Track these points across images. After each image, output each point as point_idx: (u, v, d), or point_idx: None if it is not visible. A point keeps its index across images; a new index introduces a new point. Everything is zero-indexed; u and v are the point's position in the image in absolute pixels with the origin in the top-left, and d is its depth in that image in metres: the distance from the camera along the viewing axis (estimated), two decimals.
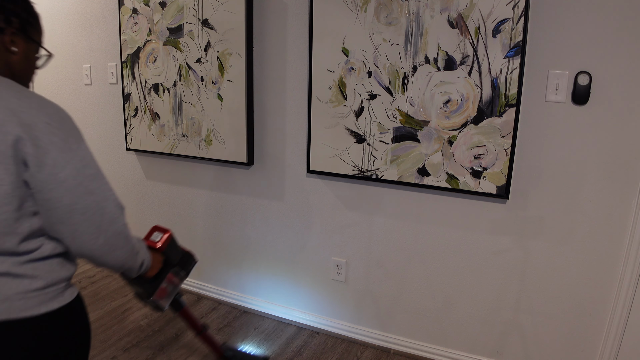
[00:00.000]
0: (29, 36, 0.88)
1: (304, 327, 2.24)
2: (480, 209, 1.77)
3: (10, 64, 0.86)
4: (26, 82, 0.93)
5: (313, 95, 1.95)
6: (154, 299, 1.20)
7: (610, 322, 1.64)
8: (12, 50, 0.85)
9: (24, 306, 0.80)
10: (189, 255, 1.32)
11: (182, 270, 1.29)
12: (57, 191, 0.78)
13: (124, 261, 0.91)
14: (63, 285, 0.88)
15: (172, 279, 1.25)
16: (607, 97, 1.50)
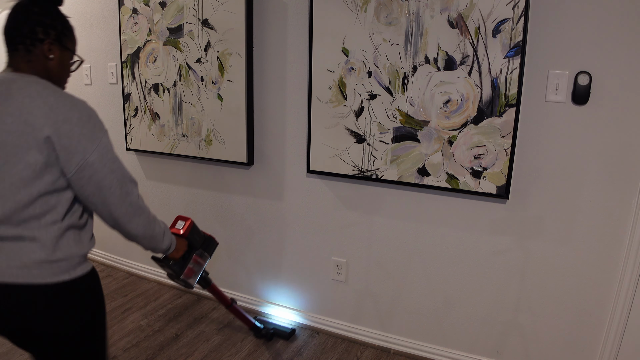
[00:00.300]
0: (64, 45, 1.06)
1: (304, 327, 2.24)
2: (480, 209, 1.77)
3: (48, 68, 1.05)
4: (61, 83, 1.11)
5: (313, 95, 1.95)
6: (183, 278, 1.44)
7: (610, 322, 1.64)
8: (50, 57, 1.04)
9: (39, 274, 0.96)
10: (210, 239, 1.56)
11: (205, 252, 1.52)
12: (87, 171, 0.97)
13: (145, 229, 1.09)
14: (76, 261, 1.02)
15: (197, 260, 1.48)
16: (607, 97, 1.50)
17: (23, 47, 1.01)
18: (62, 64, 1.07)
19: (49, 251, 0.97)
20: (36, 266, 0.96)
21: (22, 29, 1.00)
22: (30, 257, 0.95)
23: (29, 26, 1.00)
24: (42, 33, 1.01)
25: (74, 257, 1.01)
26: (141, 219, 1.08)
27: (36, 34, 1.00)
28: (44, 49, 1.02)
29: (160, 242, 1.18)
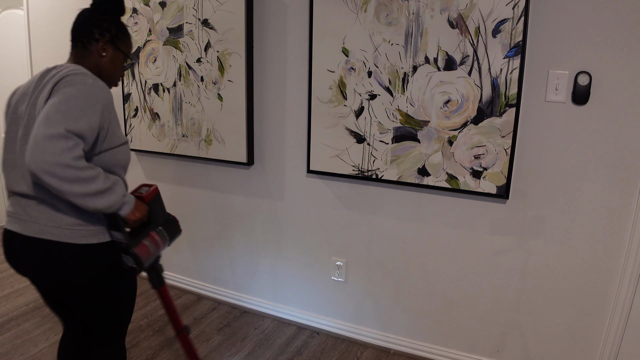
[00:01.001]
0: (117, 46, 1.24)
1: (304, 327, 2.24)
2: (480, 209, 1.77)
3: (100, 64, 1.23)
4: (111, 79, 1.27)
5: (313, 95, 1.95)
6: (136, 252, 1.19)
7: (610, 322, 1.64)
8: (102, 55, 1.22)
9: (66, 235, 1.12)
10: (174, 221, 1.34)
11: (166, 234, 1.31)
12: None
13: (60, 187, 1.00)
14: (102, 228, 1.16)
15: (155, 239, 1.26)
16: (607, 97, 1.50)
17: (81, 44, 1.21)
18: (113, 62, 1.25)
19: (74, 217, 1.12)
20: (65, 228, 1.11)
21: (83, 29, 1.20)
22: (64, 220, 1.12)
23: (89, 27, 1.20)
24: (99, 34, 1.21)
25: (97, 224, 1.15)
26: (53, 180, 0.99)
27: (93, 34, 1.20)
28: (99, 47, 1.21)
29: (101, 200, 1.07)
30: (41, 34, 2.87)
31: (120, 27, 1.25)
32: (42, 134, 0.96)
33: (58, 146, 0.96)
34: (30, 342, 2.04)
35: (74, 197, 1.02)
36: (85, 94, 1.05)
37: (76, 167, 0.99)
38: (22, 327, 2.17)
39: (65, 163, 0.97)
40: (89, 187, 1.03)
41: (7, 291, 2.55)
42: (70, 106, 1.01)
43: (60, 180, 0.98)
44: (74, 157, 0.99)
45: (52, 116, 0.98)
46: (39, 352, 1.97)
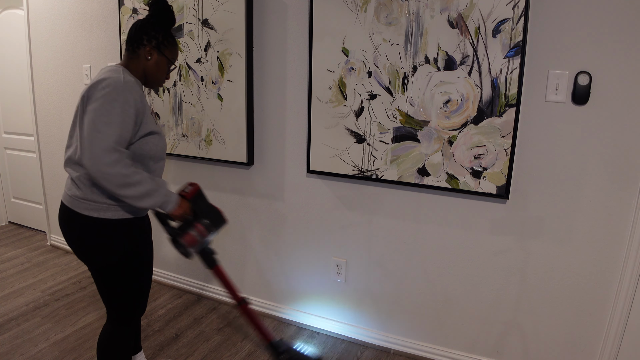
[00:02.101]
0: (162, 52, 1.41)
1: (304, 327, 2.24)
2: (480, 209, 1.77)
3: (145, 67, 1.40)
4: (155, 82, 1.45)
5: (313, 95, 1.95)
6: (183, 242, 1.41)
7: (610, 322, 1.64)
8: (147, 58, 1.39)
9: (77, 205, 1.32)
10: (218, 213, 1.52)
11: (212, 225, 1.48)
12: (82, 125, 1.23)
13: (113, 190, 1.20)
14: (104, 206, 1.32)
15: (201, 229, 1.44)
16: (607, 97, 1.50)
17: (131, 48, 1.39)
18: (157, 66, 1.41)
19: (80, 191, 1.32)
20: (74, 198, 1.32)
21: (134, 35, 1.38)
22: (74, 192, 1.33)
23: (139, 34, 1.37)
24: (146, 40, 1.38)
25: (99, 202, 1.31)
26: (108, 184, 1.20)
27: (142, 40, 1.37)
28: (145, 51, 1.38)
29: (146, 200, 1.26)
30: (41, 34, 2.87)
31: (166, 36, 1.41)
32: (96, 147, 1.17)
33: (110, 158, 1.17)
34: (30, 342, 2.04)
35: (124, 197, 1.23)
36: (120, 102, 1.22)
37: (125, 175, 1.20)
38: (22, 327, 2.17)
39: (117, 172, 1.18)
40: (137, 190, 1.23)
41: (7, 291, 2.55)
42: (112, 116, 1.20)
43: (113, 185, 1.19)
44: (123, 166, 1.20)
45: (100, 128, 1.18)
46: (39, 352, 1.97)
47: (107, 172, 1.18)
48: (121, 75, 1.27)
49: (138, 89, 1.32)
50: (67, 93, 2.84)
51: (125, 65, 1.40)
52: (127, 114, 1.23)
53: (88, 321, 2.24)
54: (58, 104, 2.92)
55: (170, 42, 1.43)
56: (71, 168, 1.35)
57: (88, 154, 1.17)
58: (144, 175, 1.26)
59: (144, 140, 1.34)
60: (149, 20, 1.39)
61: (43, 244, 3.30)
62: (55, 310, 2.34)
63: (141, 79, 1.43)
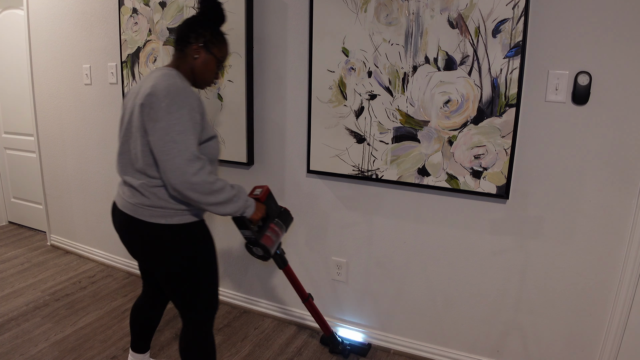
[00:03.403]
0: (209, 50, 1.36)
1: (304, 327, 2.24)
2: (480, 209, 1.77)
3: (193, 66, 1.36)
4: (202, 81, 1.40)
5: (313, 95, 1.95)
6: (263, 242, 1.44)
7: (610, 322, 1.64)
8: (195, 57, 1.35)
9: (142, 213, 1.30)
10: (286, 212, 1.56)
11: (282, 224, 1.52)
12: (153, 137, 1.19)
13: (199, 199, 1.20)
14: (171, 212, 1.30)
15: (275, 229, 1.48)
16: (607, 97, 1.50)
17: (179, 48, 1.35)
18: (205, 65, 1.36)
19: (145, 198, 1.29)
20: (138, 206, 1.30)
21: (182, 34, 1.34)
22: (138, 199, 1.30)
23: (187, 32, 1.33)
24: (194, 38, 1.33)
25: (166, 208, 1.29)
26: (195, 194, 1.19)
27: (189, 38, 1.33)
28: (193, 49, 1.34)
29: (229, 206, 1.28)
30: (41, 34, 2.87)
31: (216, 34, 1.37)
32: (177, 159, 1.15)
33: (193, 167, 1.17)
34: (30, 342, 2.04)
35: (208, 205, 1.23)
36: (188, 110, 1.20)
37: (209, 182, 1.20)
38: (22, 327, 2.17)
39: (202, 180, 1.18)
40: (220, 197, 1.23)
41: (7, 291, 2.55)
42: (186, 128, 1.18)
43: (200, 194, 1.19)
44: (206, 173, 1.19)
45: (178, 139, 1.16)
46: (39, 352, 1.97)
47: (193, 182, 1.17)
48: (177, 80, 1.24)
49: (195, 92, 1.28)
50: (67, 93, 2.84)
51: (175, 66, 1.36)
52: (195, 120, 1.21)
53: (88, 321, 2.24)
54: (58, 104, 2.92)
55: (219, 40, 1.38)
56: (131, 176, 1.32)
57: (170, 167, 1.16)
58: (225, 182, 1.26)
59: (206, 145, 1.32)
60: (197, 18, 1.35)
61: (43, 244, 3.30)
62: (55, 310, 2.34)
63: (190, 80, 1.38)
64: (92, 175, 2.88)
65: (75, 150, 2.92)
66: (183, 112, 1.18)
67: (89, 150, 2.84)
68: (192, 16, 1.36)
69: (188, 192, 1.17)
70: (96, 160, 2.83)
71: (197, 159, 1.18)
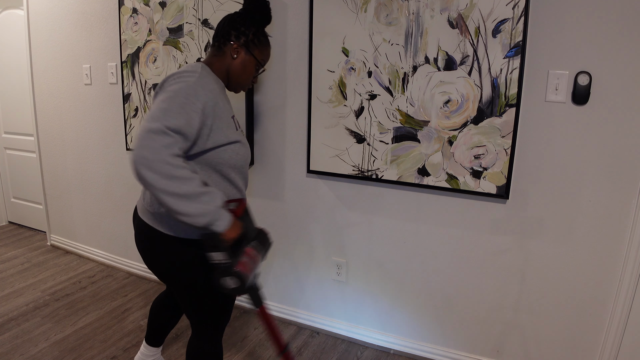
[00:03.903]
0: (250, 51, 1.27)
1: (304, 327, 2.24)
2: (480, 209, 1.77)
3: (230, 66, 1.27)
4: (237, 84, 1.31)
5: (313, 95, 1.95)
6: (238, 270, 1.12)
7: (610, 322, 1.64)
8: (234, 56, 1.26)
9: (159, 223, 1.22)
10: (264, 233, 1.28)
11: (261, 247, 1.24)
12: None
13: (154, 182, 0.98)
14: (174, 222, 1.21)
15: (252, 254, 1.18)
16: (607, 97, 1.50)
17: (217, 45, 1.27)
18: (243, 65, 1.28)
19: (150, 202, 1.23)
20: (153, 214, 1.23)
21: (222, 30, 1.26)
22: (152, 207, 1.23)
23: (227, 29, 1.25)
24: (234, 37, 1.25)
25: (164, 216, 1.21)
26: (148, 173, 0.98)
27: (229, 35, 1.25)
28: (232, 48, 1.25)
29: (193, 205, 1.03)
30: (41, 34, 2.87)
31: (258, 35, 1.28)
32: (143, 129, 0.99)
33: (157, 142, 0.98)
34: (30, 342, 2.04)
35: (164, 194, 1.00)
36: (186, 91, 1.08)
37: (171, 164, 0.99)
38: (22, 327, 2.17)
39: (161, 159, 0.98)
40: (180, 188, 1.00)
41: (7, 291, 2.55)
42: (171, 103, 1.05)
43: (154, 174, 0.97)
44: (170, 154, 1.00)
45: (155, 113, 1.02)
46: (39, 352, 1.97)
47: (148, 157, 0.97)
48: (199, 70, 1.16)
49: (215, 87, 1.18)
50: (67, 93, 2.84)
51: (208, 63, 1.27)
52: (191, 106, 1.06)
53: (88, 321, 2.24)
54: (58, 104, 2.92)
55: (262, 42, 1.29)
56: None
57: (135, 136, 1.01)
58: (195, 175, 1.04)
59: (223, 149, 1.19)
60: (241, 15, 1.26)
61: (43, 244, 3.30)
62: (55, 310, 2.34)
63: (224, 80, 1.29)
64: (92, 175, 2.88)
65: (75, 150, 2.92)
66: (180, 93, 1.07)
67: (89, 150, 2.84)
68: (235, 12, 1.28)
69: (142, 169, 0.97)
70: (96, 160, 2.83)
71: (163, 134, 0.99)
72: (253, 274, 1.18)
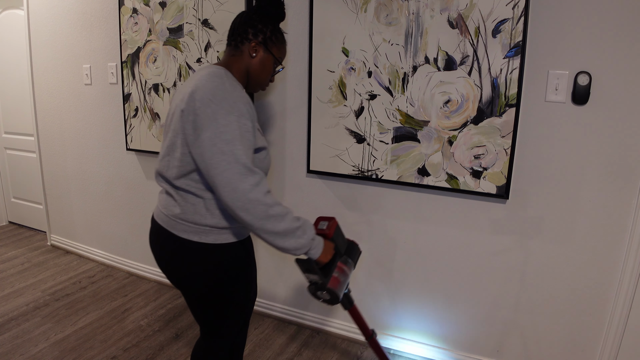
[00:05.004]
0: (268, 49, 1.23)
1: (304, 327, 2.24)
2: (480, 209, 1.77)
3: (249, 65, 1.23)
4: (257, 83, 1.26)
5: (313, 95, 1.95)
6: (330, 287, 1.19)
7: (610, 322, 1.64)
8: (252, 55, 1.22)
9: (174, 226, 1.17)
10: (353, 245, 1.32)
11: (350, 260, 1.27)
12: (199, 148, 1.04)
13: (252, 222, 1.03)
14: (207, 229, 1.15)
15: (343, 268, 1.24)
16: (607, 97, 1.50)
17: (234, 44, 1.23)
18: (262, 64, 1.24)
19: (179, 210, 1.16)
20: (171, 218, 1.17)
21: (238, 29, 1.22)
22: (171, 211, 1.18)
23: (244, 27, 1.21)
24: (252, 34, 1.21)
25: (201, 224, 1.15)
26: (247, 215, 1.02)
27: (247, 34, 1.21)
28: (250, 47, 1.21)
29: (289, 241, 1.08)
30: (41, 34, 2.87)
31: (275, 32, 1.24)
32: (228, 173, 1.00)
33: (246, 183, 1.01)
34: (30, 342, 2.04)
35: (263, 233, 1.05)
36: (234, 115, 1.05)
37: (265, 204, 1.02)
38: (22, 327, 2.17)
39: (256, 199, 1.01)
40: (277, 226, 1.05)
41: (7, 291, 2.55)
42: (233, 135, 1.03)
43: (252, 216, 1.02)
44: (263, 193, 1.03)
45: (226, 150, 1.01)
46: (39, 352, 1.97)
47: (245, 200, 1.00)
48: (225, 81, 1.09)
49: (245, 96, 1.13)
50: (67, 93, 2.84)
51: (227, 65, 1.23)
52: (245, 127, 1.06)
53: (88, 321, 2.24)
54: (58, 104, 2.92)
55: (279, 39, 1.26)
56: (169, 185, 1.19)
57: (220, 182, 1.01)
58: (287, 209, 1.08)
59: (257, 157, 1.17)
60: (256, 12, 1.23)
61: (43, 244, 3.30)
62: (55, 310, 2.34)
63: (243, 81, 1.25)
64: (92, 175, 2.88)
65: (75, 150, 2.92)
66: (231, 118, 1.04)
67: (89, 150, 2.85)
68: (248, 10, 1.25)
69: (240, 212, 1.02)
70: (96, 160, 2.83)
71: (249, 172, 1.02)
72: (344, 285, 1.24)
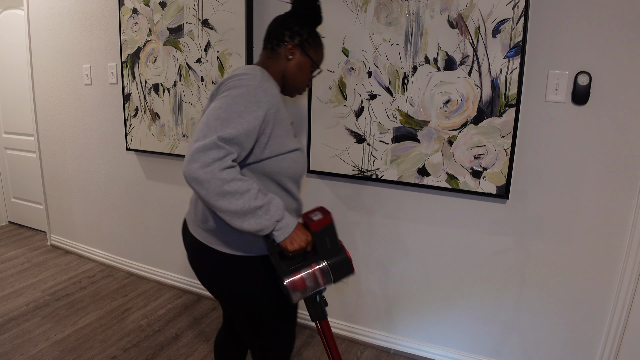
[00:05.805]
0: (305, 51, 1.21)
1: (304, 327, 2.24)
2: (480, 209, 1.77)
3: (286, 68, 1.20)
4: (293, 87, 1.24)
5: (313, 95, 1.95)
6: (287, 284, 1.05)
7: (610, 322, 1.64)
8: (289, 57, 1.20)
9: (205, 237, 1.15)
10: (345, 259, 1.13)
11: (331, 272, 1.10)
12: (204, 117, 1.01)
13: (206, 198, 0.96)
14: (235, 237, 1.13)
15: (315, 274, 1.08)
16: (607, 97, 1.50)
17: (270, 46, 1.21)
18: (299, 67, 1.21)
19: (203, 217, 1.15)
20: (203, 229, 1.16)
21: (275, 31, 1.20)
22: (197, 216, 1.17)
23: (281, 30, 1.19)
24: (289, 37, 1.19)
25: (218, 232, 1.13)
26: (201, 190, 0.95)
27: (284, 36, 1.19)
28: (287, 49, 1.19)
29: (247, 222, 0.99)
30: (41, 34, 2.87)
31: (312, 34, 1.22)
32: (196, 142, 0.95)
33: (209, 156, 0.93)
34: (30, 342, 2.04)
35: (219, 211, 0.97)
36: (246, 98, 1.01)
37: (221, 179, 0.94)
38: (22, 327, 2.17)
39: (212, 173, 0.93)
40: (234, 203, 0.96)
41: (7, 291, 2.55)
42: (229, 111, 0.98)
43: (206, 190, 0.94)
44: (221, 168, 0.94)
45: (210, 122, 0.97)
46: (39, 352, 1.97)
47: (198, 174, 0.93)
48: (258, 74, 1.08)
49: (276, 93, 1.11)
50: (67, 93, 2.84)
51: (264, 66, 1.21)
52: (252, 114, 1.00)
53: (88, 321, 2.24)
54: (58, 104, 2.92)
55: (316, 42, 1.23)
56: None
57: (188, 148, 0.95)
58: (250, 186, 0.98)
59: (281, 157, 1.11)
60: (292, 15, 1.21)
61: (43, 244, 3.30)
62: (55, 310, 2.34)
63: (279, 83, 1.22)
64: (92, 175, 2.88)
65: (75, 150, 2.92)
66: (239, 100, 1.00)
67: (89, 150, 2.85)
68: (285, 13, 1.23)
69: (194, 186, 0.95)
70: (96, 160, 2.83)
71: (216, 147, 0.94)
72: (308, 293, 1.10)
